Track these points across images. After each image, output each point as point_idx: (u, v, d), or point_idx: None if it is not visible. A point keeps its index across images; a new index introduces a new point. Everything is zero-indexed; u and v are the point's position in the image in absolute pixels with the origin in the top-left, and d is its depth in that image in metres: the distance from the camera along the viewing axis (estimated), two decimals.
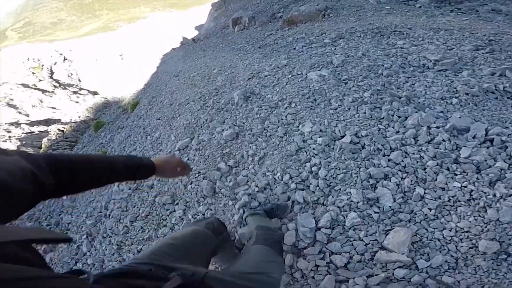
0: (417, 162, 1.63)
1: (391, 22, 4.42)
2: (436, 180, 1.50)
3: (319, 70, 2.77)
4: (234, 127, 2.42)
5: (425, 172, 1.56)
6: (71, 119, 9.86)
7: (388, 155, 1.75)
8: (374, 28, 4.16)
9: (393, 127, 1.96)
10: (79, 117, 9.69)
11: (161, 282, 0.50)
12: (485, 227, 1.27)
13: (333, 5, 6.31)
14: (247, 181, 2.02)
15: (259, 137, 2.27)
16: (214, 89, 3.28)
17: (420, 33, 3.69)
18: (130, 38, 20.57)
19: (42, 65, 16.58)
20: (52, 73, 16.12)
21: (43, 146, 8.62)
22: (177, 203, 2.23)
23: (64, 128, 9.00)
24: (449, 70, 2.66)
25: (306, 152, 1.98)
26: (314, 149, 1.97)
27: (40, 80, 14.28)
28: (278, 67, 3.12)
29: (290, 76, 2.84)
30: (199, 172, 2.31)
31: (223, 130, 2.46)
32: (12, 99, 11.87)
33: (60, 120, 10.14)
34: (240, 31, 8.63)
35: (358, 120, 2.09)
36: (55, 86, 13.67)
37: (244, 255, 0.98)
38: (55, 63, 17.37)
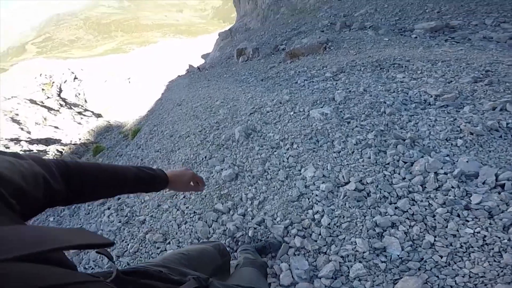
0: (426, 209, 1.59)
1: (390, 54, 4.51)
2: (446, 227, 1.47)
3: (322, 107, 2.74)
4: (234, 167, 2.34)
5: (435, 219, 1.52)
6: (71, 141, 9.85)
7: (395, 203, 1.69)
8: (373, 61, 4.20)
9: (399, 173, 1.89)
10: (80, 139, 9.68)
11: (176, 285, 0.49)
12: (501, 271, 1.23)
13: (334, 37, 6.54)
14: (243, 217, 1.92)
15: (259, 179, 2.17)
16: (216, 122, 3.24)
17: (418, 66, 3.72)
18: (139, 61, 21.40)
19: (53, 82, 17.02)
20: (60, 91, 16.50)
21: None
22: (169, 242, 2.07)
23: (63, 149, 8.95)
24: (450, 105, 2.64)
25: (309, 199, 1.89)
26: (317, 195, 1.88)
27: (48, 97, 14.58)
28: (280, 103, 3.11)
29: (292, 113, 2.81)
30: (194, 212, 2.17)
31: (222, 169, 2.38)
32: (17, 114, 11.99)
33: (61, 140, 10.12)
34: (244, 62, 8.90)
35: (363, 166, 2.01)
36: (61, 105, 13.91)
37: (235, 275, 1.00)
38: (65, 81, 17.86)
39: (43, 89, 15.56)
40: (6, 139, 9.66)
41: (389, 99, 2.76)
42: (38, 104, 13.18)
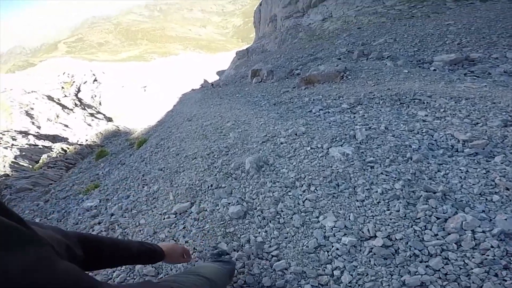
0: (460, 268, 1.47)
1: (410, 88, 4.29)
2: (482, 286, 1.37)
3: (341, 145, 2.51)
4: (243, 203, 2.09)
5: (470, 279, 1.41)
6: (78, 141, 9.81)
7: (426, 261, 1.54)
8: (393, 94, 3.95)
9: (431, 230, 1.70)
10: (86, 140, 9.64)
11: None
12: None
13: (352, 66, 6.40)
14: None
15: (270, 222, 1.91)
16: (225, 147, 3.03)
17: (441, 103, 3.48)
18: (158, 71, 21.97)
19: (73, 82, 17.47)
20: (78, 91, 16.86)
21: (40, 161, 8.38)
22: (161, 277, 1.81)
23: (68, 148, 8.88)
24: (480, 154, 2.40)
25: (328, 252, 1.65)
26: (337, 249, 1.65)
27: (65, 96, 14.86)
28: (296, 134, 2.88)
29: (309, 148, 2.58)
30: (194, 249, 1.90)
31: (229, 203, 2.13)
32: (32, 108, 12.18)
33: (68, 139, 10.10)
34: (258, 84, 8.86)
35: (390, 219, 1.76)
36: (76, 104, 14.12)
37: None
38: (85, 82, 18.32)
39: (62, 87, 15.94)
40: (15, 131, 9.69)
41: (414, 142, 2.53)
42: (55, 101, 13.41)
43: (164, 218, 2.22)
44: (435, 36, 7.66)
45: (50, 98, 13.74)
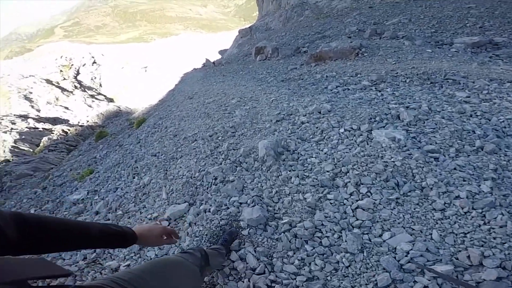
0: None
1: (439, 67, 3.70)
2: None
3: (385, 127, 1.89)
4: (262, 206, 1.45)
5: None
6: (79, 122, 9.24)
7: None
8: (420, 73, 3.47)
9: None
10: (88, 121, 9.05)
11: None
12: None
13: (368, 44, 5.69)
14: None
15: (306, 242, 1.27)
16: (231, 127, 2.43)
17: (481, 84, 2.92)
18: (159, 51, 20.75)
19: (72, 65, 16.52)
20: (78, 73, 15.96)
21: (41, 144, 7.90)
22: None
23: (69, 130, 8.33)
24: None
25: None
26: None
27: (64, 79, 14.04)
28: (320, 113, 2.24)
29: (342, 130, 1.93)
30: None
31: (242, 203, 1.52)
32: (31, 92, 11.47)
33: (68, 121, 9.52)
34: (262, 61, 8.14)
35: (495, 238, 1.14)
36: (75, 87, 13.34)
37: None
38: (83, 65, 17.32)
39: (61, 71, 15.05)
40: (14, 115, 9.11)
41: (474, 127, 1.90)
42: (53, 85, 12.65)
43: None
44: (454, 18, 6.91)
45: (48, 81, 12.98)
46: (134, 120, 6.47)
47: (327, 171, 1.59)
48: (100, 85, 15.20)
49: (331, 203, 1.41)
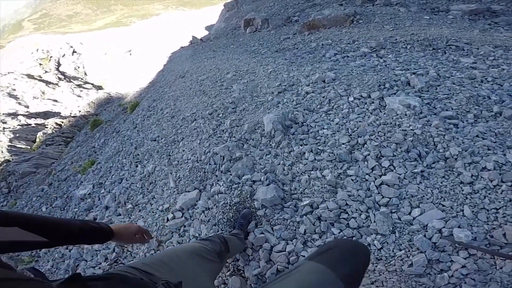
0: None
1: (440, 34, 3.53)
2: None
3: (396, 94, 1.75)
4: (278, 186, 1.32)
5: None
6: (71, 113, 8.82)
7: None
8: (420, 39, 3.31)
9: None
10: (80, 111, 8.65)
11: None
12: None
13: (363, 11, 5.36)
14: None
15: (332, 225, 1.17)
16: (231, 102, 2.26)
17: (486, 51, 2.81)
18: (141, 34, 19.39)
19: (50, 57, 15.41)
20: (59, 65, 14.95)
21: (37, 140, 7.60)
22: None
23: (62, 122, 7.97)
24: None
25: (447, 273, 0.97)
26: (464, 266, 0.97)
27: (46, 72, 13.14)
28: (324, 82, 2.07)
29: (351, 98, 1.77)
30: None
31: (255, 181, 1.41)
32: (14, 89, 10.76)
33: (60, 113, 9.08)
34: (252, 33, 7.66)
35: None
36: (59, 79, 12.55)
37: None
38: (63, 55, 16.16)
39: (40, 64, 14.03)
40: (3, 114, 8.63)
41: (488, 93, 1.77)
42: (36, 79, 11.86)
43: (167, 219, 1.53)
44: None
45: (30, 76, 12.15)
46: (127, 104, 6.18)
47: (343, 144, 1.46)
48: (85, 74, 14.32)
49: (352, 180, 1.30)
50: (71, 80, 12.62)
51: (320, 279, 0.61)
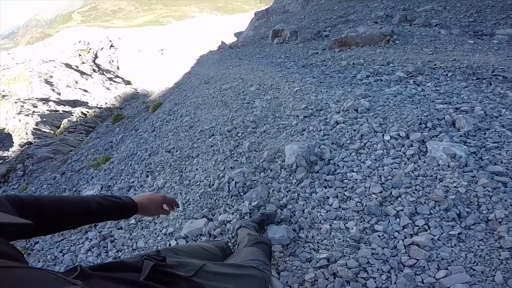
0: None
1: (486, 62, 3.17)
2: None
3: (438, 137, 1.49)
4: (292, 229, 1.18)
5: None
6: (97, 104, 9.22)
7: None
8: (463, 67, 2.97)
9: None
10: (106, 103, 9.01)
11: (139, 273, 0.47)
12: None
13: (400, 31, 5.04)
14: None
15: (348, 283, 1.01)
16: (251, 121, 2.11)
17: None
18: (175, 34, 20.18)
19: (90, 49, 16.44)
20: (96, 57, 15.88)
21: (61, 126, 7.98)
22: None
23: (88, 112, 8.33)
24: None
25: None
26: None
27: (83, 63, 14.01)
28: (356, 111, 1.84)
29: (387, 138, 1.53)
30: None
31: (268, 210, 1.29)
32: (51, 76, 11.53)
33: (87, 103, 9.52)
34: (279, 44, 7.57)
35: None
36: (94, 70, 13.29)
37: (235, 255, 0.88)
38: (101, 48, 17.16)
39: (79, 55, 15.00)
40: (36, 98, 9.21)
41: None
42: (73, 68, 12.64)
43: (169, 245, 1.40)
44: (496, 8, 6.03)
45: (68, 65, 12.99)
46: (150, 103, 6.31)
47: (374, 194, 1.24)
48: (118, 68, 15.07)
49: (379, 236, 1.10)
50: (104, 72, 13.30)
51: (255, 253, 0.78)
